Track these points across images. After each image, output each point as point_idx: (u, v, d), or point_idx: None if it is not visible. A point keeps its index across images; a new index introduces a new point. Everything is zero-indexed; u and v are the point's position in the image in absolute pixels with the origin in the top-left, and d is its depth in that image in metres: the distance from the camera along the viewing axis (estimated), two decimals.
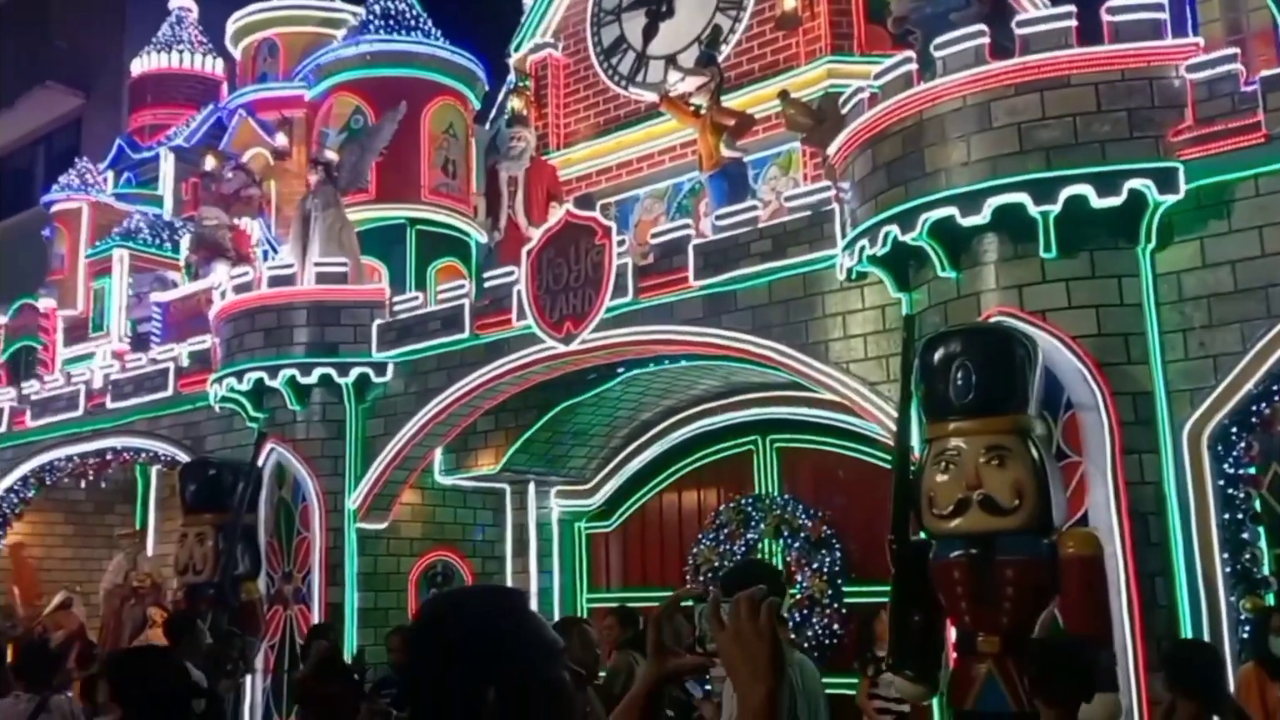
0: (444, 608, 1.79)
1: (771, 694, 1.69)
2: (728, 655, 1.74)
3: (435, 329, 9.83)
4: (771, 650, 1.71)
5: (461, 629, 1.68)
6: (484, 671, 1.62)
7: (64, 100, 18.59)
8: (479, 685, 1.61)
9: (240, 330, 10.37)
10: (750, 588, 1.79)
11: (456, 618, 1.71)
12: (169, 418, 11.79)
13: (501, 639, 1.66)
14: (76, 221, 14.50)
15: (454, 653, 1.65)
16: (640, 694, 1.92)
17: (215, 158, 13.30)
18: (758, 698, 1.70)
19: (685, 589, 4.30)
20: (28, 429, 13.04)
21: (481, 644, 1.65)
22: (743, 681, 1.72)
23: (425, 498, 10.62)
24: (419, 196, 12.13)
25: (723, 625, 1.76)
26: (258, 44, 14.68)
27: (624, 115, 12.10)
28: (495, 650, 1.65)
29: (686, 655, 1.91)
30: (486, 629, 1.67)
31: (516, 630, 1.69)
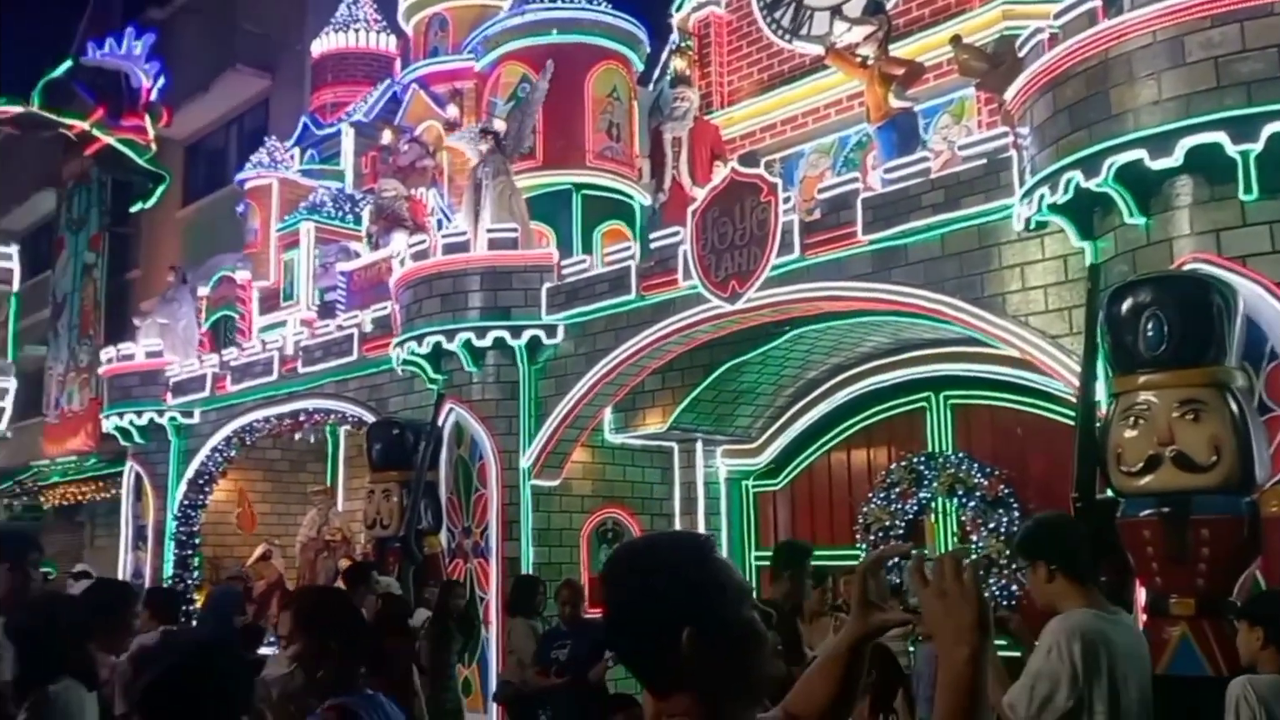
0: (637, 553, 1.82)
1: (975, 655, 1.68)
2: (931, 614, 1.74)
3: (603, 291, 9.99)
4: (977, 610, 1.70)
5: (656, 572, 1.71)
6: (680, 612, 1.66)
7: (252, 83, 19.65)
8: (676, 625, 1.65)
9: (419, 296, 10.77)
10: None
11: (650, 562, 1.75)
12: (355, 381, 12.38)
13: (694, 581, 1.70)
14: (267, 197, 15.34)
15: (650, 595, 1.69)
16: (843, 647, 1.93)
17: (391, 131, 13.82)
18: (960, 658, 1.68)
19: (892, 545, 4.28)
20: (229, 393, 13.93)
21: (676, 586, 1.68)
22: (945, 642, 1.71)
23: (595, 456, 10.86)
24: (584, 161, 12.29)
25: (926, 582, 1.76)
26: (428, 19, 15.11)
27: (788, 70, 11.92)
28: (689, 592, 1.68)
29: (891, 610, 1.91)
30: (680, 571, 1.70)
31: (708, 573, 1.72)
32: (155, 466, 14.86)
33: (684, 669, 1.66)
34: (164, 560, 14.43)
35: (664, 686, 1.70)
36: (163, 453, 14.87)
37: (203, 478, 14.49)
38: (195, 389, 14.33)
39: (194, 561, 14.40)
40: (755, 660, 1.71)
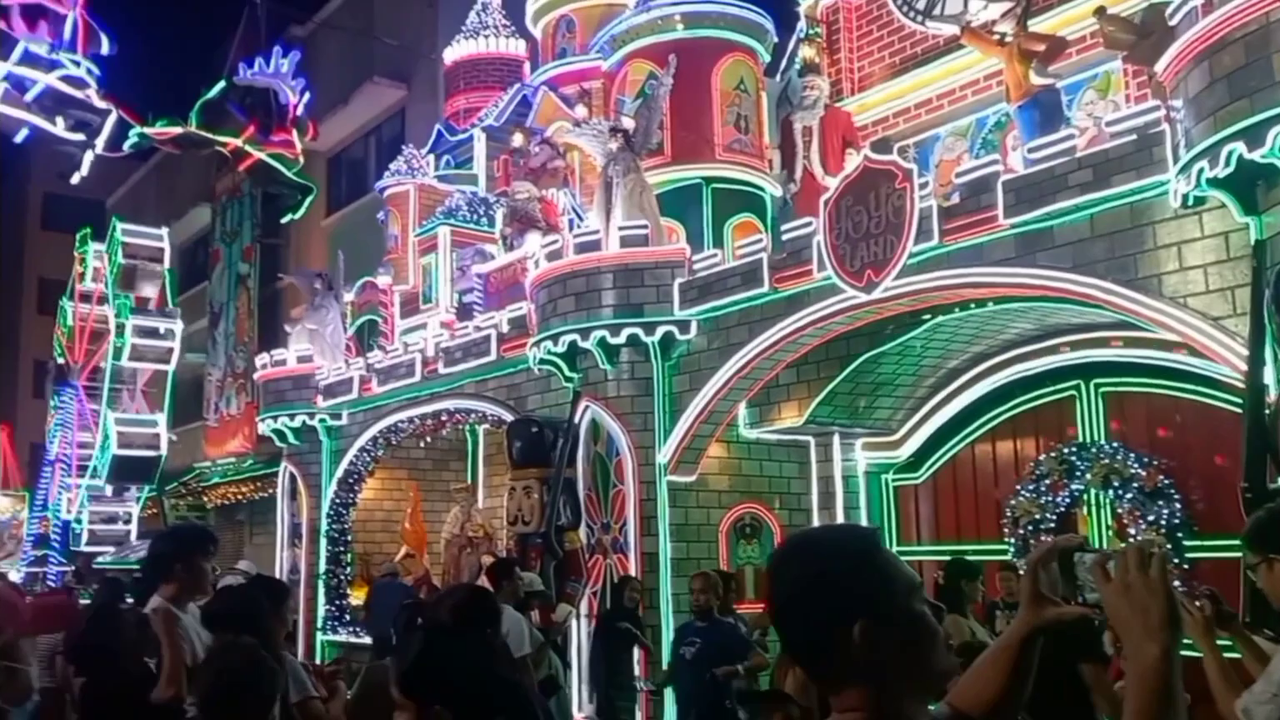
0: (805, 545, 1.81)
1: (1166, 653, 1.61)
2: (1116, 610, 1.67)
3: (735, 285, 9.92)
4: (1166, 605, 1.62)
5: (826, 563, 1.70)
6: (851, 605, 1.64)
7: (389, 93, 20.28)
8: (847, 618, 1.64)
9: (553, 296, 10.91)
10: None
11: (819, 553, 1.74)
12: (494, 380, 12.63)
13: (862, 573, 1.68)
14: (406, 204, 15.80)
15: (821, 587, 1.68)
16: (1014, 641, 1.87)
17: (522, 134, 14.05)
18: (1150, 656, 1.62)
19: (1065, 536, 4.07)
20: (375, 394, 14.40)
21: (846, 578, 1.67)
22: (1133, 639, 1.64)
23: (731, 451, 10.81)
24: (713, 155, 12.25)
25: (1108, 578, 1.68)
26: (556, 21, 15.29)
27: (921, 52, 11.63)
28: (858, 584, 1.67)
29: (1064, 604, 1.84)
30: (849, 563, 1.69)
31: (877, 565, 1.70)
32: (308, 466, 15.48)
33: (856, 663, 1.64)
34: (318, 556, 15.01)
35: (836, 680, 1.68)
36: (315, 453, 15.47)
37: (352, 476, 15.01)
38: (343, 391, 14.85)
39: (346, 558, 14.95)
40: (928, 654, 1.69)
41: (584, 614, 10.64)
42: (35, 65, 10.83)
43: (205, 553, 4.48)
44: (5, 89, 10.72)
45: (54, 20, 11.05)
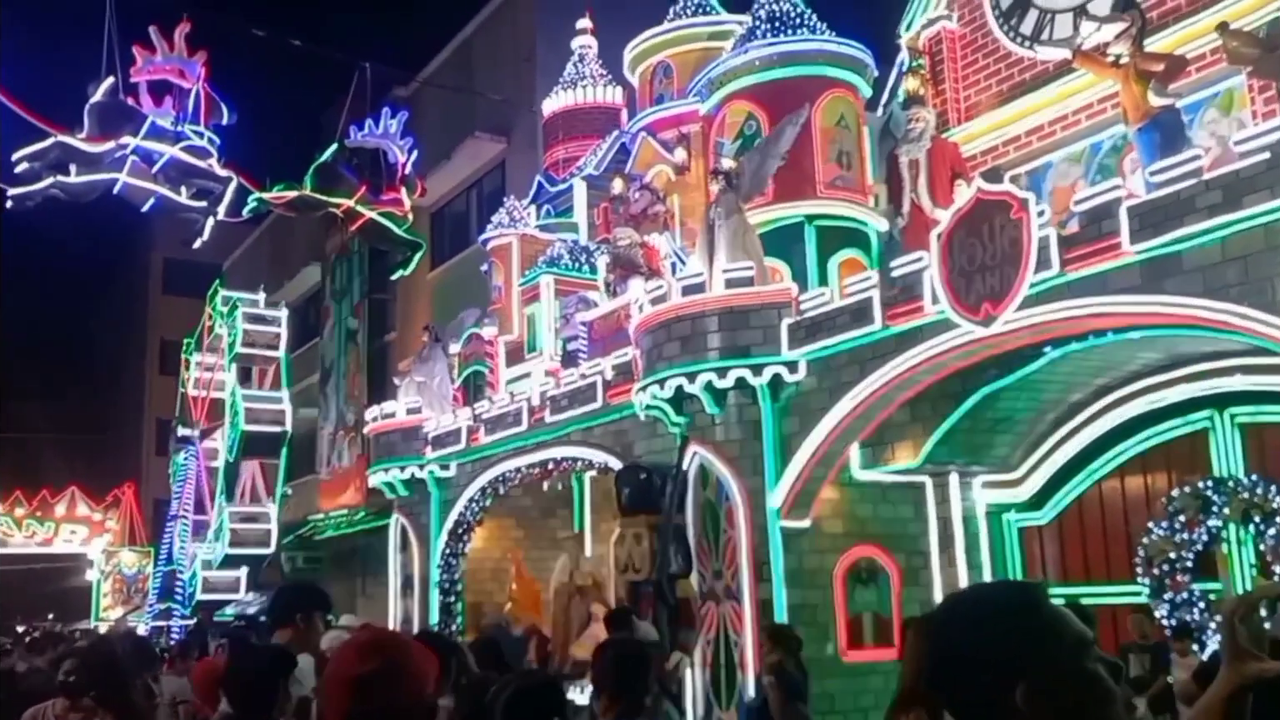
0: (964, 602, 1.71)
1: None
2: None
3: (844, 323, 9.72)
4: None
5: (985, 621, 1.59)
6: (1013, 665, 1.53)
7: (490, 147, 20.67)
8: (1009, 680, 1.52)
9: (658, 341, 10.84)
10: None
11: (979, 611, 1.63)
12: (600, 427, 12.60)
13: (1027, 632, 1.56)
14: (508, 255, 15.98)
15: (980, 647, 1.56)
16: (1217, 700, 1.69)
17: (622, 180, 14.12)
18: None
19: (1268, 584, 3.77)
20: (482, 444, 14.50)
21: (1008, 636, 1.56)
22: None
23: (845, 494, 10.53)
24: (815, 192, 12.10)
25: None
26: (653, 68, 15.40)
27: (1030, 78, 11.35)
28: (1022, 642, 1.55)
29: (1269, 660, 1.66)
30: (1009, 622, 1.57)
31: (1042, 621, 1.58)
32: (418, 518, 15.64)
33: None
34: (429, 607, 15.09)
35: None
36: (424, 504, 15.62)
37: (461, 527, 15.11)
38: (451, 442, 15.00)
39: (457, 608, 15.00)
40: (1100, 717, 1.54)
41: (697, 662, 10.44)
42: (161, 138, 11.36)
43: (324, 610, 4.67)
44: (134, 161, 11.24)
45: (178, 95, 11.58)
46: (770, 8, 12.74)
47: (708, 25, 15.01)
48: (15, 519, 31.93)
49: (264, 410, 23.34)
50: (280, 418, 23.20)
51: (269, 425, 23.15)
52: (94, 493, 33.88)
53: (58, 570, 34.62)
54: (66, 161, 10.77)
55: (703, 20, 15.11)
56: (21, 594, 33.35)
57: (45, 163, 10.70)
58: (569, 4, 18.48)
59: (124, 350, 44.00)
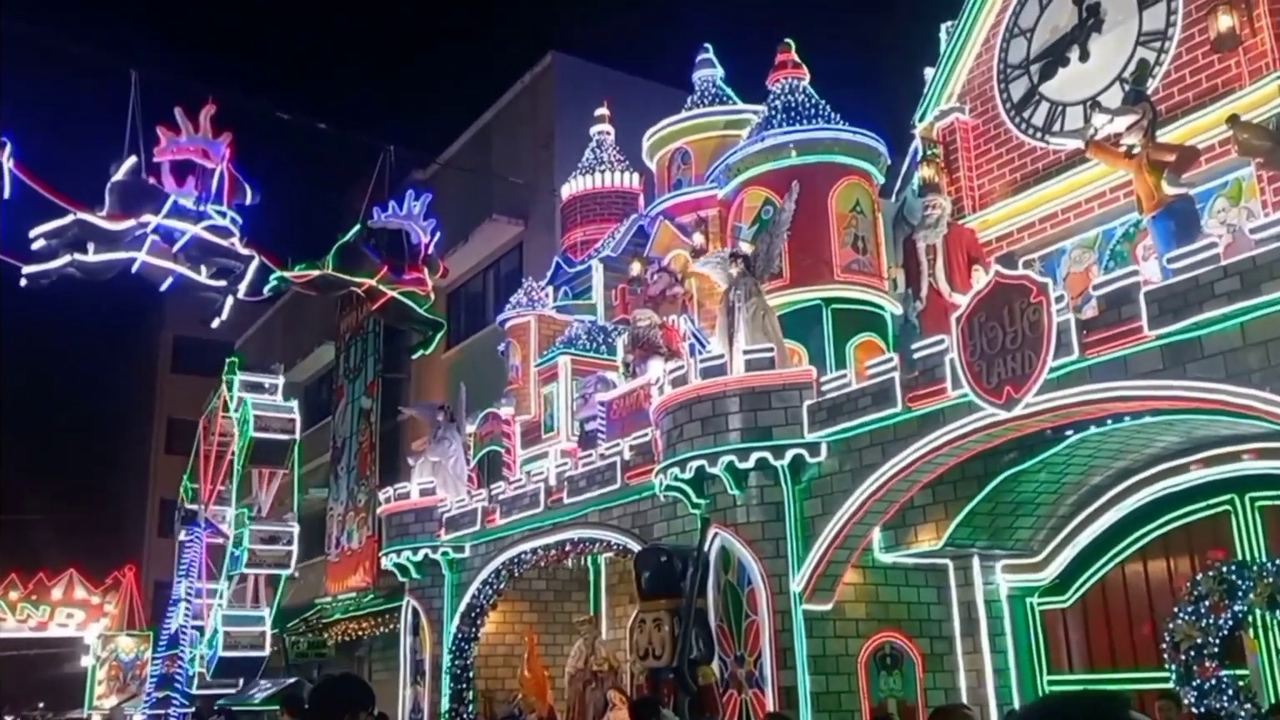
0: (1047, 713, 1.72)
1: None
2: None
3: (865, 405, 9.79)
4: None
5: None
6: None
7: (508, 229, 21.00)
8: None
9: (679, 421, 10.88)
10: None
11: None
12: (618, 508, 12.54)
13: None
14: (526, 335, 16.13)
15: None
16: None
17: (640, 263, 14.32)
18: None
19: None
20: (498, 526, 14.40)
21: None
22: None
23: (867, 577, 10.49)
24: (832, 276, 12.29)
25: None
26: (671, 154, 15.74)
27: (1042, 168, 11.62)
28: None
29: None
30: None
31: None
32: (430, 601, 15.44)
33: None
34: (441, 694, 14.84)
35: None
36: (437, 587, 15.42)
37: (475, 611, 14.92)
38: (466, 524, 14.89)
39: (468, 695, 14.74)
40: None
41: None
42: (183, 217, 11.50)
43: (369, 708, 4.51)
44: (154, 240, 11.36)
45: (202, 174, 11.78)
46: (786, 98, 13.08)
47: (725, 114, 15.40)
48: (9, 603, 31.37)
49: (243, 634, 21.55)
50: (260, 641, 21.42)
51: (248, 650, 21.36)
52: (93, 575, 33.44)
53: (51, 656, 33.93)
54: (85, 239, 10.83)
55: (720, 109, 15.50)
56: (12, 681, 32.73)
57: (63, 240, 10.76)
58: (587, 92, 18.95)
59: (129, 428, 43.93)
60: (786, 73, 13.62)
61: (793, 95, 13.16)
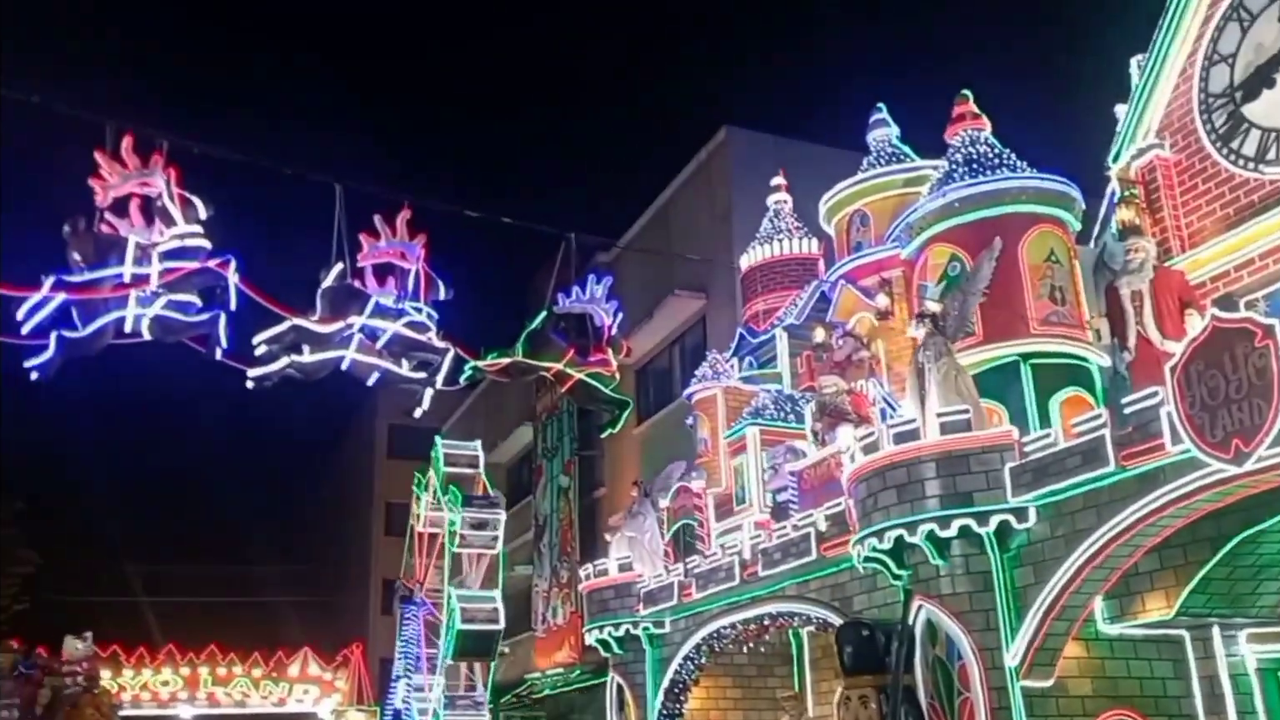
0: None
1: None
2: None
3: (1075, 466, 9.18)
4: None
5: None
6: None
7: (690, 304, 21.20)
8: None
9: (873, 490, 10.53)
10: None
11: None
12: (815, 581, 12.20)
13: None
14: (713, 407, 16.10)
15: None
16: None
17: (824, 329, 14.08)
18: None
19: None
20: (695, 600, 14.27)
21: None
22: None
23: (1091, 650, 9.74)
24: (1028, 330, 11.71)
25: None
26: (849, 217, 15.52)
27: (1258, 199, 10.74)
28: None
29: None
30: None
31: None
32: (634, 676, 15.41)
33: None
34: None
35: None
36: (639, 662, 15.40)
37: (677, 686, 14.77)
38: (664, 598, 14.85)
39: None
40: None
41: None
42: (385, 316, 12.14)
43: None
44: (360, 339, 12.04)
45: (400, 275, 12.44)
46: (966, 150, 12.69)
47: (903, 172, 15.08)
48: (253, 680, 33.61)
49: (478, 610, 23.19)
50: (494, 616, 23.02)
51: (484, 624, 23.02)
52: (324, 652, 35.34)
53: None
54: (300, 342, 11.58)
55: (898, 168, 15.20)
56: None
57: (282, 344, 11.53)
58: (761, 162, 19.01)
59: (353, 514, 46.46)
60: (965, 124, 13.22)
61: (974, 146, 12.74)
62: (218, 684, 33.32)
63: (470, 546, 23.80)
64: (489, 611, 23.22)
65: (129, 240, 10.24)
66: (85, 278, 10.06)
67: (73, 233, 10.09)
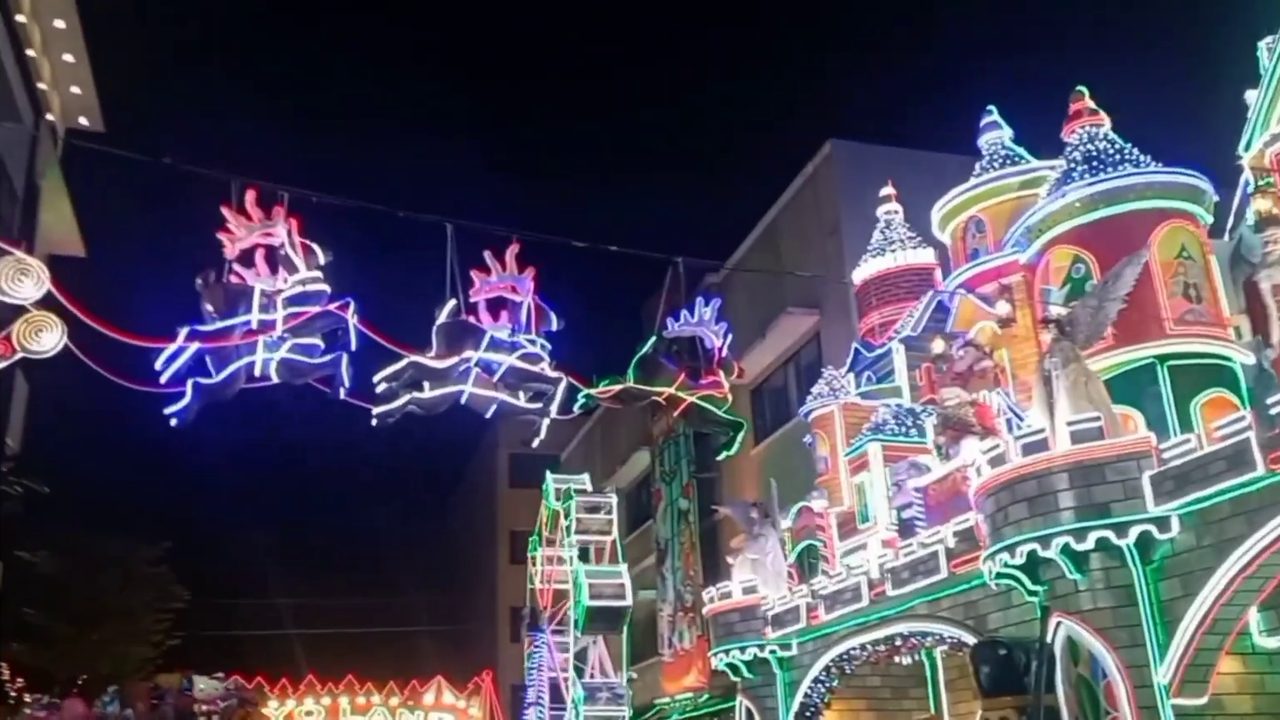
0: None
1: None
2: None
3: (1220, 471, 8.74)
4: None
5: None
6: None
7: (803, 321, 20.94)
8: None
9: (1002, 504, 10.20)
10: None
11: None
12: (947, 599, 11.87)
13: None
14: (831, 425, 15.84)
15: None
16: None
17: (943, 340, 13.74)
18: None
19: None
20: (822, 622, 14.03)
21: None
22: None
23: (1248, 665, 9.24)
24: (1163, 331, 11.20)
25: None
26: (964, 224, 15.14)
27: None
28: None
29: None
30: None
31: None
32: (763, 700, 15.20)
33: None
34: None
35: None
36: (769, 686, 15.20)
37: (808, 710, 14.51)
38: (791, 621, 14.65)
39: None
40: None
41: None
42: (499, 349, 12.33)
43: None
44: (477, 373, 12.25)
45: (512, 308, 12.62)
46: (1085, 148, 12.26)
47: (1018, 175, 14.65)
48: (390, 709, 34.42)
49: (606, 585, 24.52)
50: (622, 592, 24.32)
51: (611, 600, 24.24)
52: (457, 681, 35.95)
53: None
54: (420, 379, 11.84)
55: (1012, 170, 14.77)
56: None
57: (401, 382, 11.80)
58: (869, 173, 18.71)
59: (479, 543, 47.26)
60: (1083, 121, 12.78)
61: (1093, 143, 12.30)
62: (357, 713, 34.23)
63: (588, 531, 24.43)
64: (616, 586, 24.18)
65: (255, 289, 10.64)
66: (217, 326, 10.47)
67: (204, 285, 10.55)
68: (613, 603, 24.01)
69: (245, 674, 33.48)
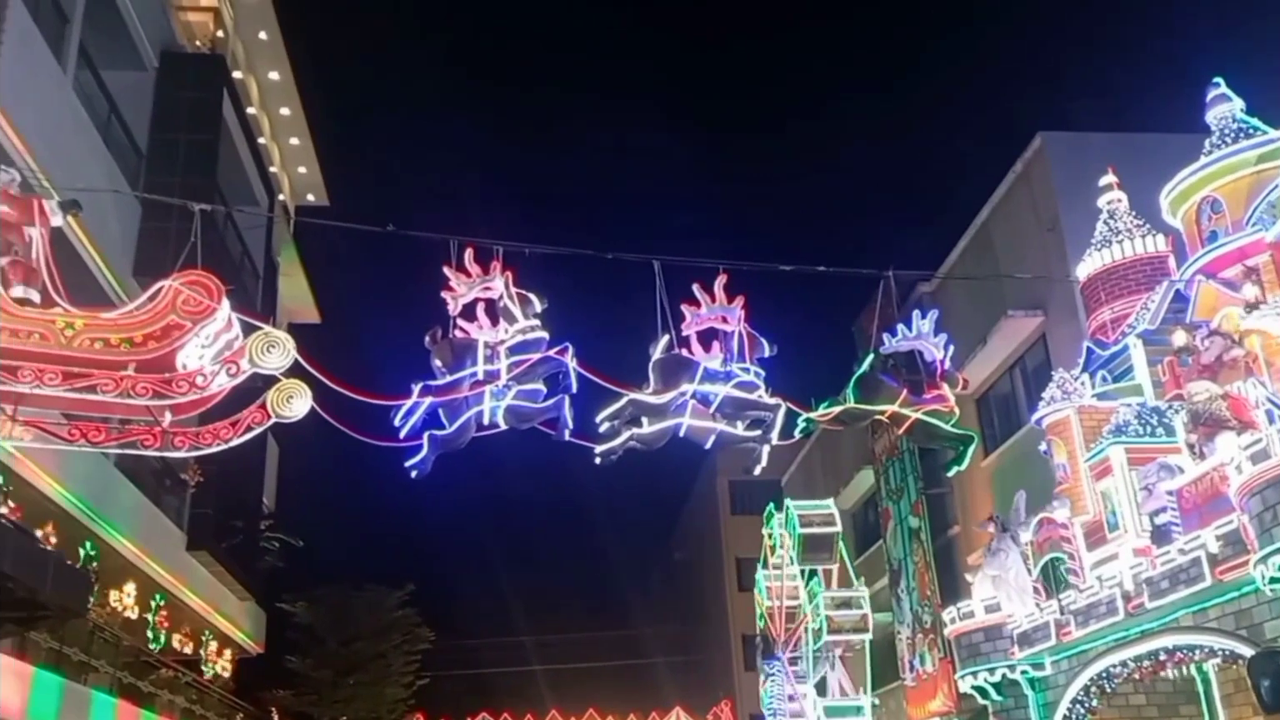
0: None
1: None
2: None
3: None
4: None
5: None
6: None
7: (1026, 323, 20.02)
8: None
9: (1269, 502, 9.49)
10: None
11: None
12: (1214, 609, 11.12)
13: None
14: (1067, 430, 15.06)
15: None
16: None
17: (1184, 331, 12.93)
18: None
19: None
20: (1075, 639, 13.37)
21: None
22: None
23: None
24: None
25: None
26: (1197, 206, 14.20)
27: None
28: None
29: None
30: None
31: None
32: None
33: None
34: None
35: None
36: (1022, 709, 14.61)
37: None
38: (1040, 639, 14.04)
39: None
40: None
41: None
42: (714, 380, 12.44)
43: None
44: (693, 405, 12.40)
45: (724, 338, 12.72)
46: None
47: (1254, 148, 13.61)
48: None
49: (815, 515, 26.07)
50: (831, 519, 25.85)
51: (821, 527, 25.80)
52: (695, 711, 36.16)
53: None
54: (639, 415, 12.10)
55: (1248, 144, 13.73)
56: None
57: (622, 419, 12.09)
58: (1086, 163, 17.83)
59: (706, 572, 47.55)
60: None
61: None
62: None
63: (840, 631, 24.65)
64: (825, 515, 26.07)
65: (479, 341, 11.18)
66: (446, 380, 11.06)
67: (433, 342, 11.20)
68: (822, 530, 25.60)
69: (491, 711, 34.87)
